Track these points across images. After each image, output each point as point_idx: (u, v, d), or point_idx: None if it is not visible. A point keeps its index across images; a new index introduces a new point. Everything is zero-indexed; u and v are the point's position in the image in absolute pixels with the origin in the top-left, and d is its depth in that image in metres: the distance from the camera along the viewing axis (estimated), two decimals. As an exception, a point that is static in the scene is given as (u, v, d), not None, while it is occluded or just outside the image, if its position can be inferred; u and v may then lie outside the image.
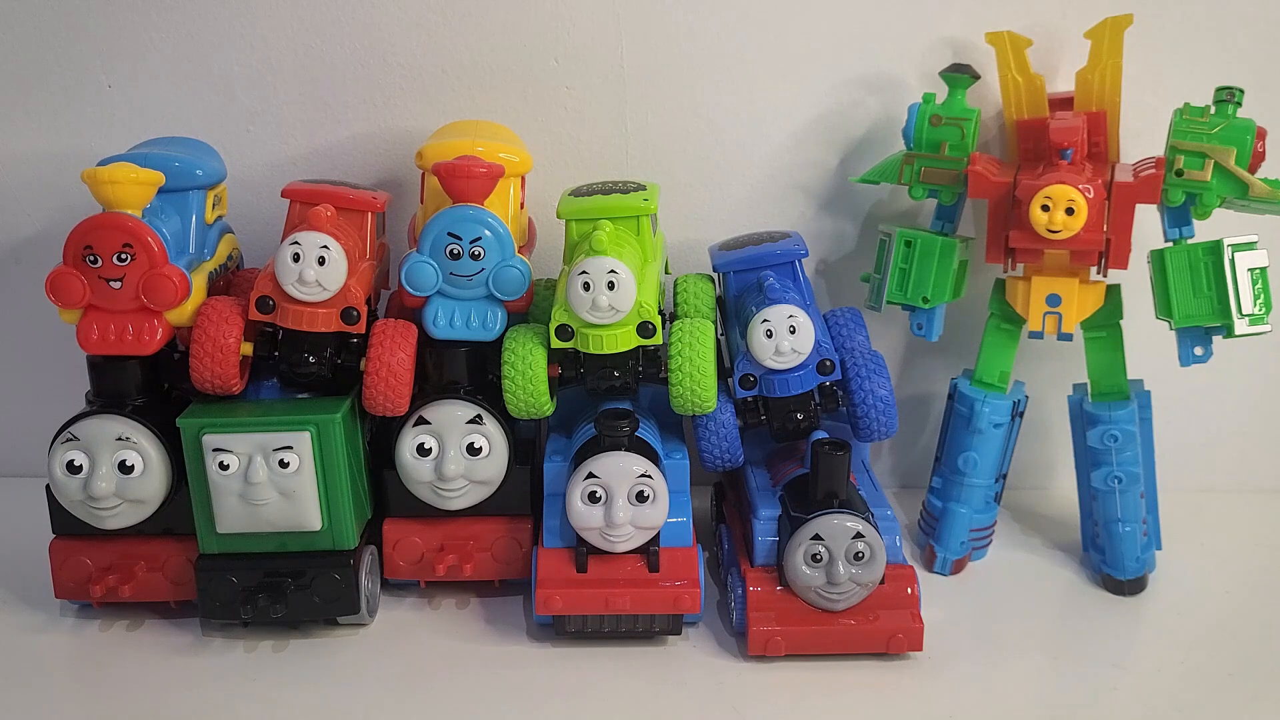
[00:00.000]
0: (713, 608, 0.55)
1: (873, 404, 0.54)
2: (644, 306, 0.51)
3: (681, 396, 0.52)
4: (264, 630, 0.53)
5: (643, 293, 0.51)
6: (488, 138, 0.58)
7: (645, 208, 0.54)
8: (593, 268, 0.49)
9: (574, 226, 0.54)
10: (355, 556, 0.52)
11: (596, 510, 0.51)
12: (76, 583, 0.53)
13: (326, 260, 0.50)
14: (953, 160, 0.57)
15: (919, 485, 0.67)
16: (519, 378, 0.52)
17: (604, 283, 0.49)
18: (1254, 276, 0.54)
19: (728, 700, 0.49)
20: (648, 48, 0.63)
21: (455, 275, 0.52)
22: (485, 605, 0.56)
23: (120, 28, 0.63)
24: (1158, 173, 0.55)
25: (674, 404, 0.53)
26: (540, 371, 0.52)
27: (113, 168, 0.49)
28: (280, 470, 0.50)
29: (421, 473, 0.52)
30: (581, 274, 0.50)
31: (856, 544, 0.50)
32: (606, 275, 0.49)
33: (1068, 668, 0.51)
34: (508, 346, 0.52)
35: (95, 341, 0.50)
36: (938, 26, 0.62)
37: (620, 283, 0.50)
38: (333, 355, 0.53)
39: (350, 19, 0.63)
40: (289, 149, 0.65)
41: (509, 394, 0.52)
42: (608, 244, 0.50)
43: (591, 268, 0.49)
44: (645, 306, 0.51)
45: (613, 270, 0.49)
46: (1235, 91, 0.54)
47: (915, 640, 0.51)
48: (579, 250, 0.52)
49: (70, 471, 0.50)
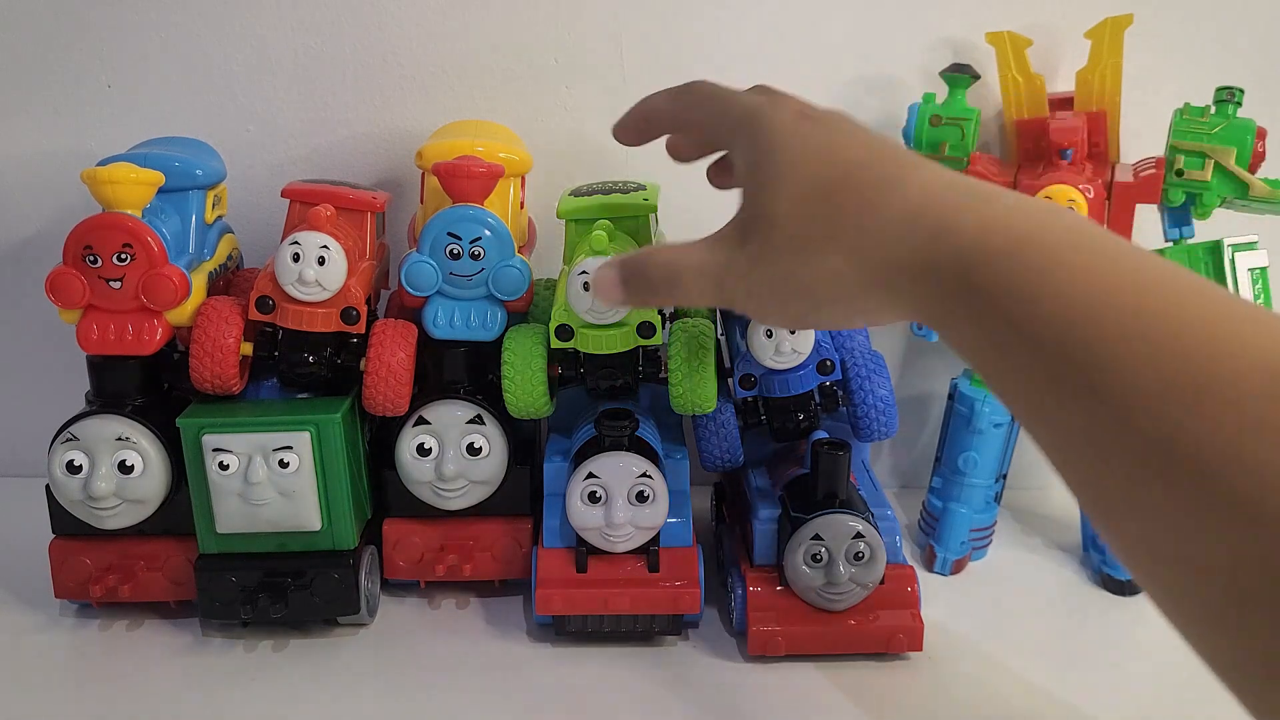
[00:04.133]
0: (713, 608, 0.55)
1: (873, 404, 0.54)
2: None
3: (681, 397, 0.52)
4: (264, 630, 0.53)
5: None
6: (487, 137, 0.58)
7: (645, 207, 0.54)
8: (592, 268, 0.49)
9: (573, 226, 0.54)
10: (355, 556, 0.52)
11: (596, 510, 0.50)
12: (76, 583, 0.53)
13: (326, 260, 0.50)
14: (953, 160, 0.57)
15: (919, 485, 0.67)
16: (519, 378, 0.52)
17: None
18: (1254, 276, 0.54)
19: (728, 700, 0.49)
20: (648, 48, 0.63)
21: (455, 275, 0.52)
22: (485, 605, 0.56)
23: (120, 28, 0.63)
24: (1158, 173, 0.55)
25: (674, 404, 0.53)
26: (540, 371, 0.52)
27: (113, 168, 0.49)
28: (280, 470, 0.50)
29: (421, 473, 0.52)
30: (581, 274, 0.49)
31: (857, 544, 0.50)
32: None
33: (1068, 668, 0.51)
34: (508, 347, 0.52)
35: (95, 341, 0.50)
36: (938, 26, 0.62)
37: None
38: (332, 355, 0.52)
39: (350, 19, 0.63)
40: (289, 149, 0.65)
41: (509, 394, 0.52)
42: (607, 243, 0.50)
43: (591, 268, 0.49)
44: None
45: None
46: (1235, 91, 0.54)
47: (915, 640, 0.51)
48: (579, 250, 0.52)
49: (70, 471, 0.50)
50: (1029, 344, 0.32)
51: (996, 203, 0.35)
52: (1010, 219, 0.34)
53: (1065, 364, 0.31)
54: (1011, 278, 0.33)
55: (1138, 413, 0.29)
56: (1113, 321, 0.30)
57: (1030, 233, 0.33)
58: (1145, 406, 0.29)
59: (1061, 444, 0.32)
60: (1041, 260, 0.32)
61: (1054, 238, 0.33)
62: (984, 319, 0.34)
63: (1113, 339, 0.30)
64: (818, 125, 0.40)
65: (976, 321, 0.34)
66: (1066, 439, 0.32)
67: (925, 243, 0.35)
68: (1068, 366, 0.31)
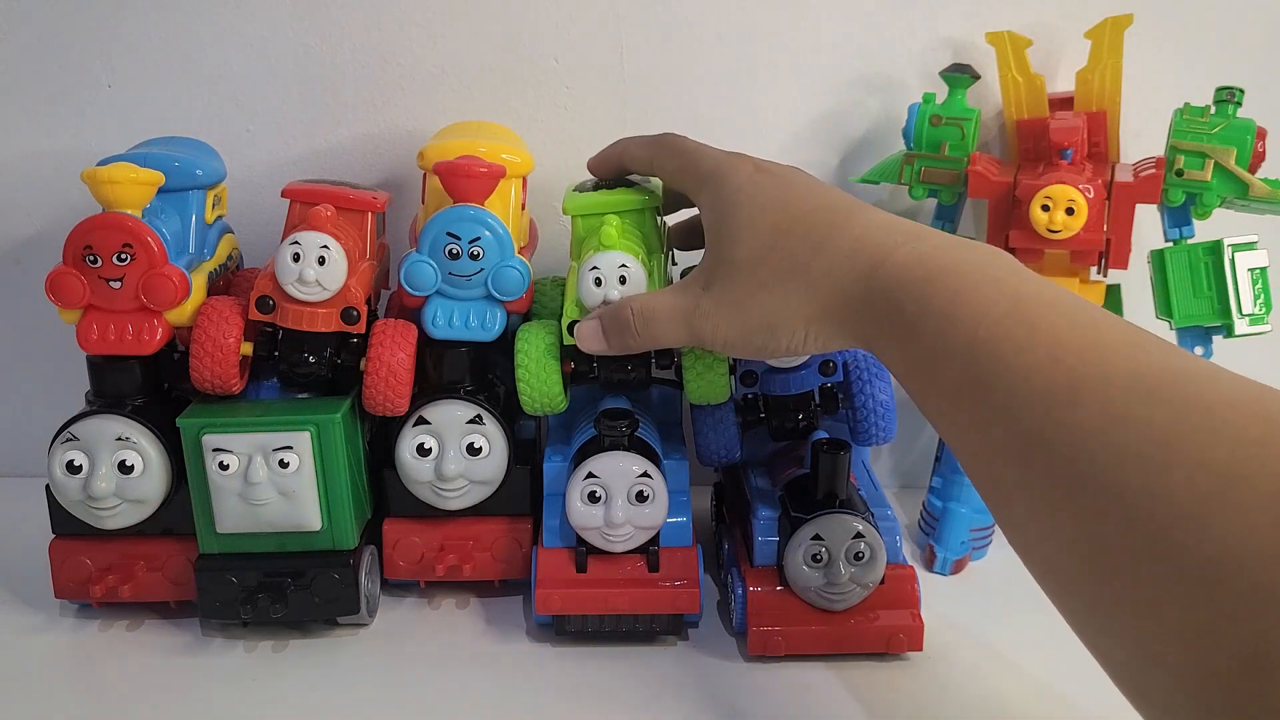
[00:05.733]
0: (713, 608, 0.55)
1: (873, 408, 0.54)
2: None
3: (697, 386, 0.52)
4: (264, 630, 0.53)
5: (651, 285, 0.50)
6: (490, 138, 0.57)
7: (652, 200, 0.54)
8: (604, 263, 0.49)
9: (581, 222, 0.54)
10: (355, 556, 0.52)
11: (596, 510, 0.50)
12: (76, 583, 0.53)
13: (326, 260, 0.50)
14: (953, 160, 0.57)
15: (919, 485, 0.67)
16: (532, 376, 0.52)
17: (615, 277, 0.49)
18: (1254, 276, 0.54)
19: (728, 700, 0.49)
20: (648, 48, 0.63)
21: (454, 275, 0.51)
22: (485, 605, 0.56)
23: (120, 28, 0.63)
24: (1158, 173, 0.55)
25: (689, 394, 0.53)
26: (554, 366, 0.52)
27: (113, 168, 0.49)
28: (280, 470, 0.50)
29: (421, 473, 0.52)
30: (592, 269, 0.49)
31: (857, 544, 0.50)
32: (618, 270, 0.49)
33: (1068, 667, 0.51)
34: (521, 344, 0.52)
35: (95, 341, 0.50)
36: (938, 26, 0.62)
37: (631, 276, 0.49)
38: (332, 355, 0.52)
39: (350, 19, 0.63)
40: (289, 149, 0.65)
41: (524, 390, 0.52)
42: (617, 238, 0.50)
43: (602, 263, 0.49)
44: None
45: (624, 265, 0.49)
46: (1235, 91, 0.54)
47: (915, 640, 0.51)
48: (587, 245, 0.52)
49: (70, 471, 0.50)
50: (943, 356, 0.38)
51: (925, 241, 0.41)
52: (935, 254, 0.40)
53: (971, 369, 0.37)
54: (931, 300, 0.39)
55: (1025, 411, 0.34)
56: (1009, 336, 0.36)
57: (949, 265, 0.39)
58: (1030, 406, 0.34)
59: (964, 441, 0.38)
60: (956, 285, 0.38)
61: (970, 268, 0.39)
62: (909, 339, 0.39)
63: (1009, 352, 0.35)
64: (773, 179, 0.46)
65: (904, 341, 0.40)
66: (968, 436, 0.37)
67: (864, 276, 0.41)
68: (972, 371, 0.36)
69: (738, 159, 0.48)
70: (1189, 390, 0.32)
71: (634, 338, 0.48)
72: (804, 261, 0.43)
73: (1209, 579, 0.28)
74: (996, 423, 0.35)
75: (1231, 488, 0.29)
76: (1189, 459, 0.30)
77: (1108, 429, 0.32)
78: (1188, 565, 0.29)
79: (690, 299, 0.46)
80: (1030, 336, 0.35)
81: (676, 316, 0.47)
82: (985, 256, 0.40)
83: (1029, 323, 0.36)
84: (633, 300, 0.48)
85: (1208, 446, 0.30)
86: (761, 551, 0.52)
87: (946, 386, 0.38)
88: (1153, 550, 0.30)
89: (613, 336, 0.49)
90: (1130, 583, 0.30)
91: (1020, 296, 0.37)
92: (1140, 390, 0.32)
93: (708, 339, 0.46)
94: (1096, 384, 0.33)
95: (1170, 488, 0.30)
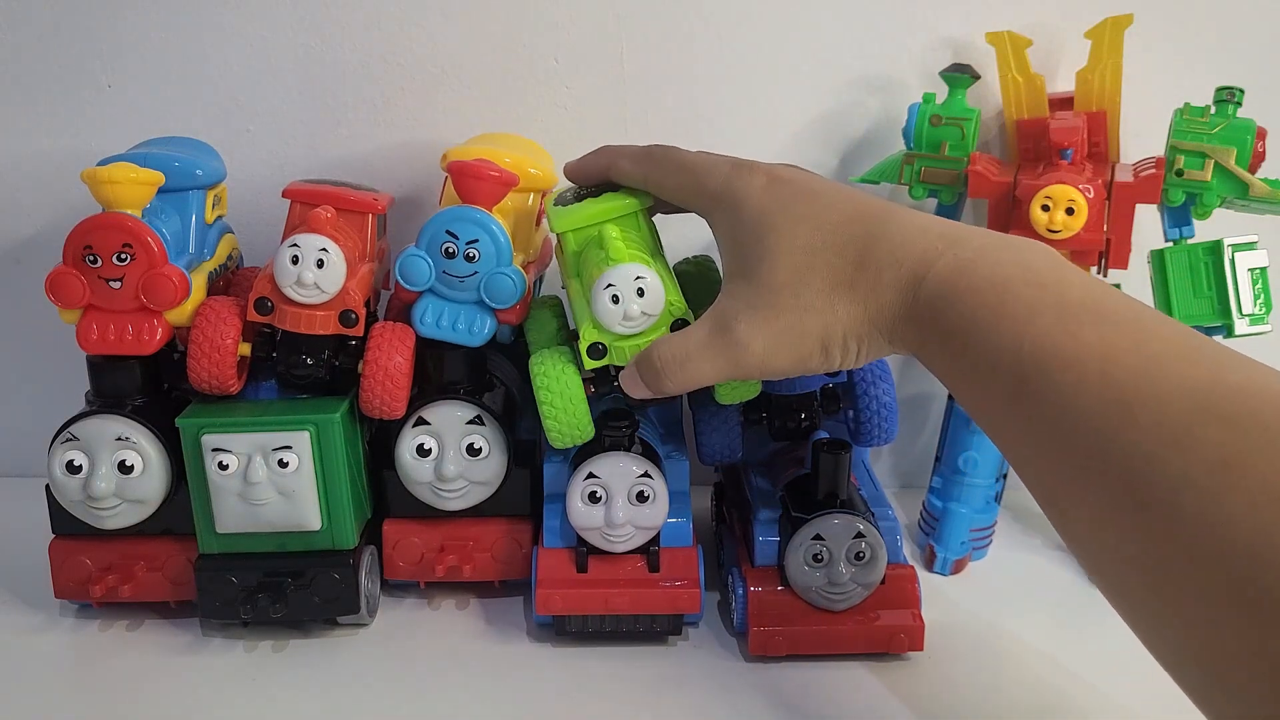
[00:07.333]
0: (713, 608, 0.55)
1: (876, 409, 0.54)
2: (674, 305, 0.48)
3: (732, 391, 0.51)
4: (264, 630, 0.53)
5: (668, 291, 0.48)
6: (517, 150, 0.57)
7: (644, 199, 0.51)
8: (618, 278, 0.47)
9: (570, 238, 0.51)
10: (355, 556, 0.52)
11: (596, 510, 0.50)
12: (76, 583, 0.53)
13: (325, 263, 0.50)
14: (953, 160, 0.57)
15: (919, 485, 0.67)
16: (559, 411, 0.50)
17: (633, 290, 0.47)
18: (1254, 276, 0.54)
19: (728, 700, 0.49)
20: (648, 48, 0.63)
21: (448, 274, 0.51)
22: (485, 605, 0.56)
23: (120, 28, 0.63)
24: (1158, 173, 0.55)
25: (719, 395, 0.51)
26: (579, 395, 0.50)
27: (113, 168, 0.49)
28: (279, 470, 0.50)
29: (421, 473, 0.52)
30: (608, 287, 0.47)
31: (857, 544, 0.50)
32: (634, 282, 0.47)
33: (1068, 668, 0.51)
34: (541, 379, 0.50)
35: (95, 341, 0.50)
36: (938, 26, 0.62)
37: (649, 287, 0.47)
38: (331, 357, 0.52)
39: (350, 19, 0.63)
40: (289, 149, 0.65)
41: (552, 427, 0.50)
42: (625, 250, 0.48)
43: (616, 278, 0.47)
44: (675, 304, 0.48)
45: (639, 276, 0.47)
46: (1235, 91, 0.54)
47: (916, 640, 0.51)
48: (587, 260, 0.50)
49: (70, 471, 0.50)
50: (990, 371, 0.38)
51: (964, 245, 0.40)
52: (976, 261, 0.40)
53: (1019, 385, 0.36)
54: (976, 314, 0.38)
55: (1078, 427, 0.34)
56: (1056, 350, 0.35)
57: (990, 274, 0.39)
58: (1084, 423, 0.34)
59: (1017, 451, 0.38)
60: (999, 296, 0.38)
61: (1012, 272, 0.39)
62: (956, 352, 0.39)
63: (1057, 368, 0.35)
64: (792, 191, 0.45)
65: (951, 353, 0.40)
66: (1020, 447, 0.37)
67: (909, 289, 0.41)
68: (1022, 387, 0.36)
69: (745, 171, 0.46)
70: (1246, 407, 0.31)
71: (670, 383, 0.46)
72: (847, 278, 0.42)
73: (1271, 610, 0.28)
74: (1049, 437, 0.35)
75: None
76: (1250, 484, 0.29)
77: (1164, 453, 0.31)
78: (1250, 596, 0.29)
79: (724, 334, 0.45)
80: (1078, 350, 0.35)
81: (712, 355, 0.45)
82: (1026, 258, 0.39)
83: (1075, 334, 0.35)
84: (659, 348, 0.46)
85: (1269, 470, 0.29)
86: (762, 551, 0.52)
87: (996, 399, 0.38)
88: (1213, 579, 0.29)
89: (650, 380, 0.47)
90: (1194, 606, 0.30)
91: (1064, 305, 0.37)
92: (1195, 408, 0.31)
93: (754, 369, 0.45)
94: (1150, 402, 0.32)
95: (1231, 515, 0.29)
